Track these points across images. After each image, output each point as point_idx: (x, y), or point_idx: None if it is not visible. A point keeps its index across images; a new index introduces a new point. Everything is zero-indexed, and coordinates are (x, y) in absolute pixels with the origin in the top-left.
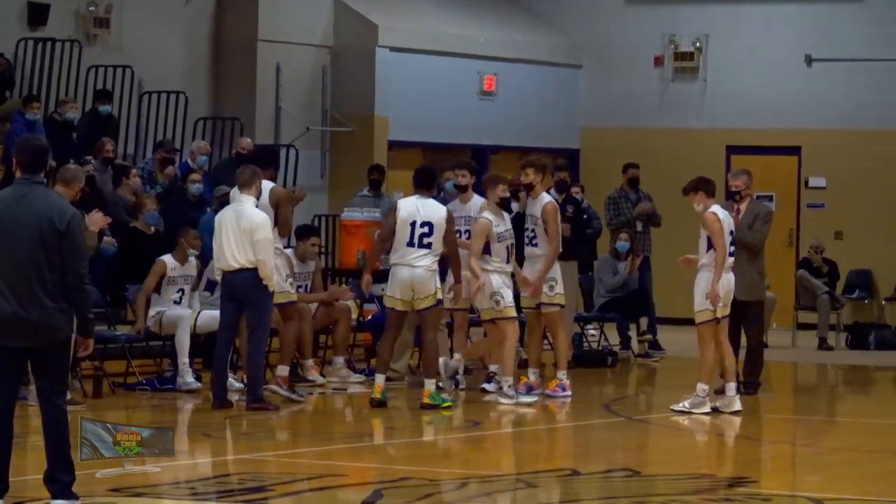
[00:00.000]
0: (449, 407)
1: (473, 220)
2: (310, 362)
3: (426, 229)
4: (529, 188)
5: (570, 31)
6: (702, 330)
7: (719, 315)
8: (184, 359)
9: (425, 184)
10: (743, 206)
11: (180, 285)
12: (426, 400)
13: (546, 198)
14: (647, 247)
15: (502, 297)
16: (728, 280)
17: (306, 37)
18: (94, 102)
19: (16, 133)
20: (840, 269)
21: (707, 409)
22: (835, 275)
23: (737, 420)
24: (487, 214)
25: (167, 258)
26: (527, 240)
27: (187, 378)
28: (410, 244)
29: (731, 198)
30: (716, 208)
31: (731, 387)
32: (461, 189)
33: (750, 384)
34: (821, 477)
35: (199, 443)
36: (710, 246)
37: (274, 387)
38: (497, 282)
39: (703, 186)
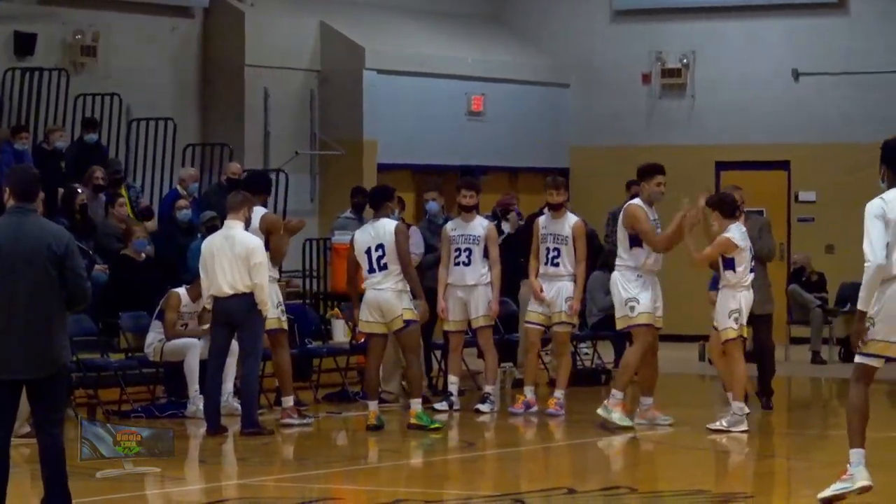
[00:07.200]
0: (437, 428)
1: (476, 238)
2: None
3: (380, 252)
4: (557, 207)
5: (557, 51)
6: (730, 348)
7: (744, 334)
8: (195, 386)
9: (375, 204)
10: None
11: (185, 319)
12: (413, 420)
13: (573, 217)
14: None
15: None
16: (748, 297)
17: (293, 61)
18: (81, 131)
19: (4, 163)
20: (832, 283)
21: (745, 426)
22: (822, 287)
23: (732, 435)
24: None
25: (181, 292)
26: (545, 259)
27: (200, 405)
28: (371, 270)
29: None
30: (732, 230)
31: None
32: (465, 209)
33: (766, 397)
34: (816, 491)
35: (195, 469)
36: (727, 266)
37: (287, 420)
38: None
39: (718, 206)
